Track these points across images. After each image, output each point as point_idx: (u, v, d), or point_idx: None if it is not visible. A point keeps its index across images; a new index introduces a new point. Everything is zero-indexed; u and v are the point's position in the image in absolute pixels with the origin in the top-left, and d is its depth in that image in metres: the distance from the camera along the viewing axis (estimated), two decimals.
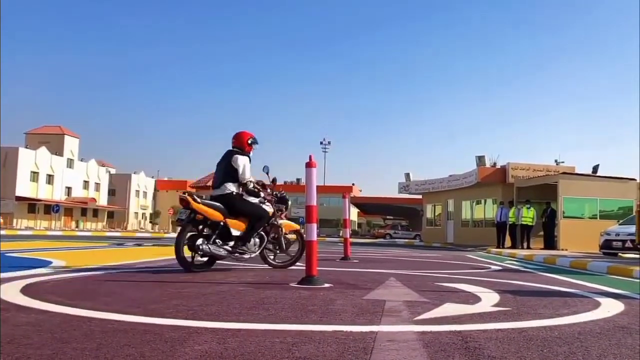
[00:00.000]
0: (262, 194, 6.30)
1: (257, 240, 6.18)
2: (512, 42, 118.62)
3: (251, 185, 6.18)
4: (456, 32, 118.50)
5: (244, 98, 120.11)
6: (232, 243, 5.93)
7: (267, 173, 6.47)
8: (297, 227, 6.75)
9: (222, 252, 5.87)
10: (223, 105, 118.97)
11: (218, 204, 5.89)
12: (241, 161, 6.01)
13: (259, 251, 6.23)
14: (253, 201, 6.15)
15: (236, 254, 5.99)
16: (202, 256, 5.90)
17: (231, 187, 5.99)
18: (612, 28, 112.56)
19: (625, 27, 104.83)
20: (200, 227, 5.89)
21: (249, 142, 6.26)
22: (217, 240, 5.83)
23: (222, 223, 5.86)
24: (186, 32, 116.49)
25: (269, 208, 6.25)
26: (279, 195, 6.55)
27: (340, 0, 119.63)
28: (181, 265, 5.76)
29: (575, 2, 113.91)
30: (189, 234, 5.80)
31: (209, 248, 5.73)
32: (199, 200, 5.78)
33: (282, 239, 6.52)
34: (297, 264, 7.15)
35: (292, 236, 6.72)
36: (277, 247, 6.56)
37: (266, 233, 6.32)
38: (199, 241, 5.72)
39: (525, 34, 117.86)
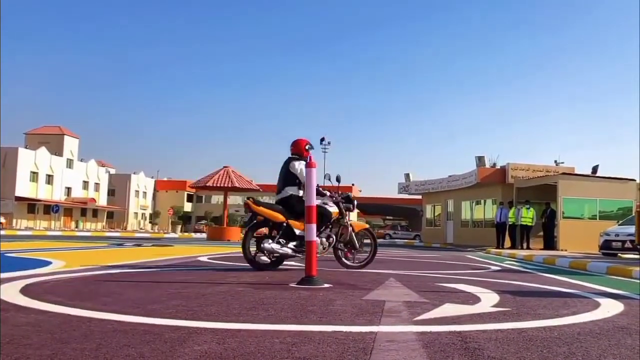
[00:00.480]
0: (327, 193, 6.64)
1: (324, 239, 6.44)
2: (512, 42, 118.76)
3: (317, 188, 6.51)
4: (456, 32, 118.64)
5: (244, 98, 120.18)
6: (295, 242, 6.24)
7: (329, 179, 6.63)
8: (366, 226, 7.03)
9: (287, 251, 6.21)
10: (223, 105, 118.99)
11: (278, 205, 6.35)
12: (298, 165, 6.39)
13: (326, 250, 6.51)
14: (317, 202, 6.33)
15: (300, 254, 6.19)
16: (268, 256, 6.26)
17: (290, 190, 6.39)
18: (611, 28, 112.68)
19: (624, 27, 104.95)
20: (266, 229, 6.35)
21: (306, 147, 6.66)
22: (280, 240, 6.19)
23: (284, 224, 6.24)
24: (185, 32, 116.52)
25: (332, 208, 6.53)
26: (343, 195, 6.80)
27: (340, 0, 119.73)
28: (250, 265, 6.25)
29: (575, 2, 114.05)
30: (251, 240, 6.27)
31: (272, 247, 6.11)
32: (259, 203, 6.28)
33: (354, 238, 6.69)
34: (296, 264, 7.15)
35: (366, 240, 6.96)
36: (351, 247, 6.74)
37: (335, 233, 6.61)
38: (264, 241, 6.16)
39: (525, 34, 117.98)
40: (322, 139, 41.70)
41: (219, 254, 9.81)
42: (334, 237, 6.55)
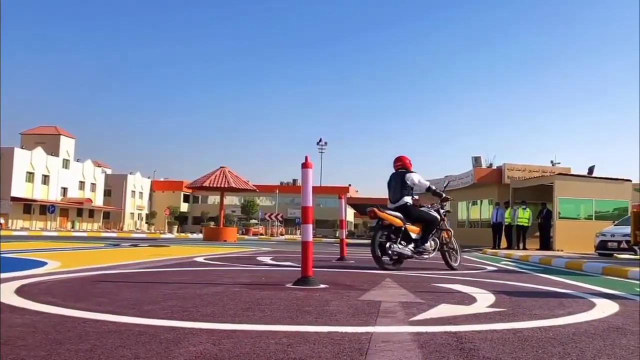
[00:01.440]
0: (442, 194, 7.71)
1: (432, 242, 7.44)
2: (510, 42, 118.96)
3: (434, 187, 7.59)
4: (454, 33, 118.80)
5: (241, 99, 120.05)
6: (412, 245, 7.19)
7: (435, 190, 7.66)
8: (451, 230, 7.95)
9: (407, 252, 7.09)
10: (219, 106, 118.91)
11: (397, 212, 7.19)
12: (415, 177, 7.45)
13: (434, 252, 7.46)
14: (423, 209, 7.53)
15: (416, 254, 7.23)
16: (391, 257, 7.03)
17: (407, 199, 7.36)
18: (610, 29, 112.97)
19: (623, 28, 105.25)
20: (387, 232, 7.06)
21: (410, 162, 7.71)
22: (401, 242, 7.08)
23: (402, 228, 7.12)
24: (183, 33, 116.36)
25: (437, 214, 7.54)
26: (443, 205, 7.81)
27: (338, 1, 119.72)
28: (377, 264, 6.92)
29: (572, 3, 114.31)
30: (379, 240, 7.00)
31: (397, 248, 6.98)
32: (383, 210, 7.11)
33: (454, 241, 7.75)
34: (293, 264, 7.16)
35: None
36: (452, 249, 7.71)
37: (439, 237, 7.56)
38: (388, 244, 6.97)
39: (522, 35, 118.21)
40: (319, 140, 41.75)
41: (215, 255, 9.80)
42: (438, 240, 7.50)
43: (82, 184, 65.46)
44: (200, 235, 31.29)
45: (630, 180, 20.46)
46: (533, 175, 22.26)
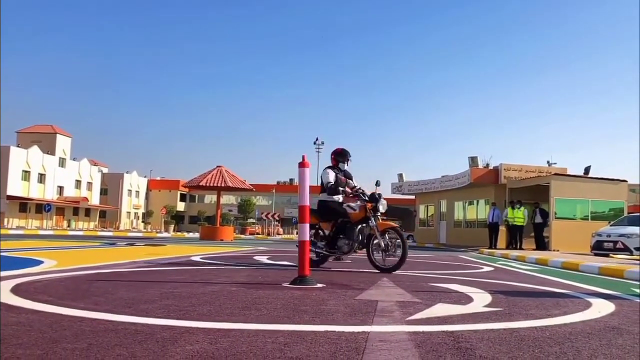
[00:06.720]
0: (331, 190, 6.76)
1: (346, 239, 6.61)
2: (507, 43, 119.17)
3: (331, 184, 6.80)
4: (450, 33, 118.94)
5: (237, 98, 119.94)
6: (324, 243, 6.77)
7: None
8: (391, 224, 6.75)
9: (322, 251, 6.73)
10: (216, 105, 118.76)
11: (315, 210, 6.68)
12: (323, 174, 6.95)
13: (352, 250, 6.63)
14: (332, 204, 6.78)
15: (331, 253, 6.74)
16: (317, 254, 6.76)
17: (320, 196, 6.92)
18: (607, 29, 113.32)
19: (620, 28, 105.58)
20: (314, 232, 6.79)
21: (333, 156, 7.12)
22: (321, 241, 6.79)
23: (317, 226, 6.83)
24: (180, 33, 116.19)
25: (347, 208, 6.69)
26: (367, 194, 6.75)
27: (335, 2, 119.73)
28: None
29: (570, 4, 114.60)
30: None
31: (314, 247, 6.63)
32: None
33: (380, 238, 6.48)
34: (290, 263, 7.14)
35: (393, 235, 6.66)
36: (385, 248, 6.50)
37: (360, 233, 6.65)
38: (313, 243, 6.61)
39: (519, 36, 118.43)
40: (316, 139, 41.76)
41: (211, 254, 9.79)
42: (358, 236, 6.60)
43: (78, 183, 65.32)
44: (197, 235, 31.25)
45: (626, 181, 20.54)
46: (529, 175, 22.30)
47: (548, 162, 25.75)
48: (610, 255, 13.86)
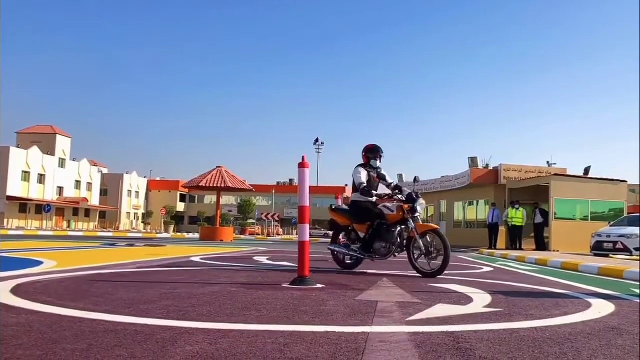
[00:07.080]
0: (364, 190, 6.42)
1: (383, 242, 6.30)
2: (506, 43, 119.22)
3: (364, 184, 6.45)
4: (450, 33, 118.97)
5: (237, 98, 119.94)
6: (359, 245, 6.51)
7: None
8: (432, 226, 6.33)
9: (356, 254, 6.49)
10: (216, 105, 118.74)
11: (348, 210, 6.67)
12: (354, 172, 6.60)
13: (390, 253, 6.32)
14: (366, 204, 6.48)
15: (365, 256, 6.44)
16: (351, 257, 6.71)
17: (353, 196, 6.62)
18: (607, 29, 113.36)
19: (620, 28, 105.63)
20: (346, 233, 6.78)
21: (365, 153, 6.76)
22: (355, 243, 6.59)
23: (350, 228, 6.67)
24: (180, 33, 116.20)
25: (384, 209, 6.38)
26: (405, 193, 6.51)
27: (335, 2, 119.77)
28: (339, 266, 6.86)
29: (570, 4, 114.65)
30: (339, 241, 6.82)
31: (345, 250, 6.64)
32: (333, 207, 6.94)
33: (420, 241, 6.10)
34: (290, 264, 7.14)
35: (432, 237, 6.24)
36: (427, 251, 6.09)
37: (399, 235, 6.32)
38: (346, 244, 6.71)
39: (519, 36, 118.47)
40: (316, 140, 41.74)
41: (211, 254, 9.78)
42: (397, 239, 6.27)
43: (78, 184, 65.27)
44: (197, 235, 31.24)
45: (625, 181, 20.53)
46: (529, 176, 22.30)
47: (548, 162, 25.67)
48: (610, 255, 13.86)
